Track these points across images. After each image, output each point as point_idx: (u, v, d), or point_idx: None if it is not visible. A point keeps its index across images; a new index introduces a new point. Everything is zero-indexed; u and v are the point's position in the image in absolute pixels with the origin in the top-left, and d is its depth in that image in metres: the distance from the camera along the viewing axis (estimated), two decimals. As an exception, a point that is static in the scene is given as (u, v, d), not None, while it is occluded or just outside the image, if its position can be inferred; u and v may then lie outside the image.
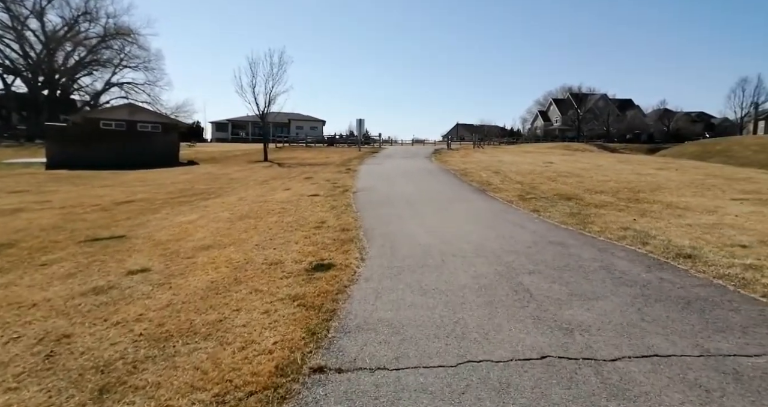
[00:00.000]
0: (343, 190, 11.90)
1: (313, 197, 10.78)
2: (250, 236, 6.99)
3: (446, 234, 6.80)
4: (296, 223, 7.81)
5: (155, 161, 26.82)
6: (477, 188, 13.07)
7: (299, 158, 28.59)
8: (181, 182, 16.97)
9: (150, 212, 10.07)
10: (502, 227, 7.37)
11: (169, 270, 5.28)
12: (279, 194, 11.90)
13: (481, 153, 29.72)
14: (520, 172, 16.57)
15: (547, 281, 4.43)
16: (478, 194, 11.85)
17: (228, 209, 9.73)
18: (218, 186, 15.29)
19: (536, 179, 14.63)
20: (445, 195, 11.49)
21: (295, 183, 14.39)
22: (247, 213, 8.96)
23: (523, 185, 13.38)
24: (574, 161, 20.85)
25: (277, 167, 23.59)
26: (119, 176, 20.17)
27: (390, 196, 11.11)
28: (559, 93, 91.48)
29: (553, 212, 8.66)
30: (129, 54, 59.60)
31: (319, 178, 15.67)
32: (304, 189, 12.45)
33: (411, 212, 8.95)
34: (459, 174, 16.59)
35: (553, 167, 17.82)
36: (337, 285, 4.46)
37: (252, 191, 13.24)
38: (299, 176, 17.25)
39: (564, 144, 52.37)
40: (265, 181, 16.38)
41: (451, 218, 8.28)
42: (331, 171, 18.42)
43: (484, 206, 9.70)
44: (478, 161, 21.96)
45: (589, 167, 17.44)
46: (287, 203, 10.01)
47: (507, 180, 14.48)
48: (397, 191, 12.14)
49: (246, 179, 17.63)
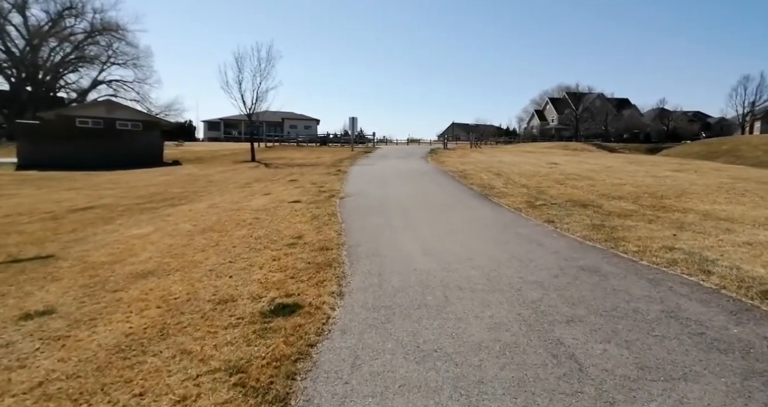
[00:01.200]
0: (330, 195, 10.57)
1: (293, 205, 9.44)
2: (206, 257, 5.66)
3: (448, 254, 5.50)
4: (267, 238, 6.48)
5: (136, 161, 25.35)
6: (478, 192, 11.79)
7: (288, 158, 27.21)
8: (156, 185, 15.58)
9: (103, 222, 8.70)
10: (515, 244, 6.08)
11: (80, 312, 3.94)
12: (257, 200, 10.55)
13: (479, 153, 28.47)
14: (524, 174, 15.32)
15: (596, 338, 3.13)
16: (481, 199, 10.56)
17: (193, 219, 8.38)
18: (193, 190, 13.91)
19: (543, 182, 13.38)
20: (443, 201, 10.19)
21: (278, 187, 13.04)
22: (213, 225, 7.61)
23: (529, 189, 12.12)
24: (579, 162, 19.62)
25: (264, 167, 22.21)
26: (92, 177, 18.72)
27: (382, 202, 9.80)
28: (556, 92, 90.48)
29: (572, 224, 7.39)
30: (117, 51, 57.97)
31: (305, 180, 14.33)
32: (286, 194, 11.11)
33: (405, 222, 7.64)
34: (458, 176, 15.31)
35: (558, 169, 16.58)
36: (300, 343, 3.15)
37: (228, 195, 11.88)
38: (284, 178, 15.89)
39: (562, 144, 51.29)
40: (246, 184, 15.02)
41: (452, 231, 6.98)
42: (320, 173, 17.08)
43: (489, 216, 8.41)
44: (476, 162, 20.70)
45: (598, 169, 16.21)
46: (263, 212, 8.67)
47: (511, 183, 13.21)
48: (390, 196, 10.83)
49: (226, 181, 16.26)
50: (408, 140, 60.50)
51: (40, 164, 22.29)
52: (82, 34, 56.45)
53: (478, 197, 10.98)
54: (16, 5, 51.68)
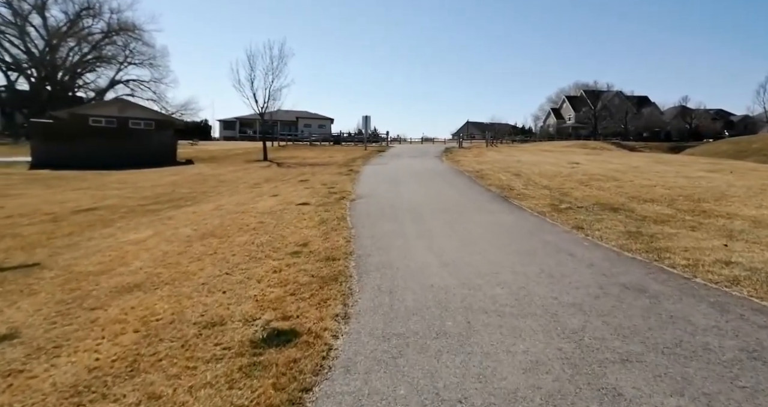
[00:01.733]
0: (340, 197, 10.01)
1: (301, 207, 8.90)
2: (201, 267, 5.14)
3: (468, 267, 4.89)
4: (270, 246, 5.95)
5: (149, 160, 25.18)
6: (497, 194, 11.11)
7: (300, 158, 26.79)
8: (164, 185, 15.24)
9: (102, 224, 8.28)
10: (543, 254, 5.43)
11: (46, 337, 3.44)
12: (264, 201, 10.06)
13: (495, 152, 27.65)
14: (545, 174, 14.56)
15: (664, 388, 2.48)
16: (500, 202, 9.89)
17: (195, 222, 7.90)
18: (202, 190, 13.51)
19: (565, 183, 12.62)
20: (460, 204, 9.55)
21: (287, 187, 12.54)
22: (214, 230, 7.11)
23: (551, 190, 11.40)
24: (602, 162, 18.72)
25: (275, 167, 21.80)
26: (102, 177, 18.51)
27: (394, 205, 9.20)
28: (572, 90, 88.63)
29: (604, 231, 6.70)
30: (134, 51, 58.48)
31: (315, 181, 13.81)
32: (295, 195, 10.59)
33: (419, 228, 7.03)
34: (474, 176, 14.62)
35: (581, 169, 15.77)
36: (293, 387, 2.57)
37: (235, 197, 11.43)
38: (295, 178, 15.41)
39: (581, 142, 49.96)
40: (255, 184, 14.57)
41: (471, 238, 6.36)
42: (331, 172, 16.56)
43: (511, 221, 7.75)
44: (494, 161, 19.95)
45: (624, 169, 15.34)
46: (268, 215, 8.15)
47: (531, 184, 12.49)
48: (403, 198, 10.23)
49: (236, 181, 15.84)
50: (422, 138, 59.76)
51: (53, 163, 22.25)
52: (99, 34, 57.08)
53: (497, 199, 10.31)
54: (35, 6, 52.40)
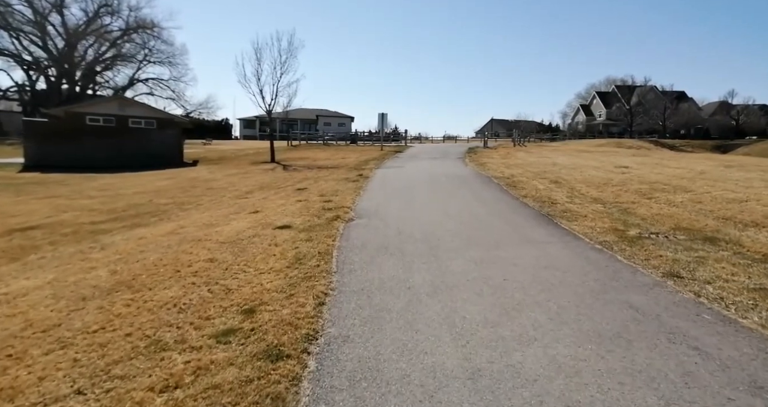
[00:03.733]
0: (334, 216, 7.80)
1: (279, 232, 6.74)
2: (45, 372, 3.02)
3: (518, 378, 2.62)
4: (198, 313, 3.80)
5: (151, 161, 23.60)
6: (536, 210, 8.73)
7: (311, 159, 24.78)
8: (146, 193, 13.39)
9: (11, 258, 6.30)
10: (644, 347, 3.10)
11: None
12: (238, 221, 7.94)
13: (525, 153, 24.98)
14: (591, 182, 12.04)
15: None
16: (544, 224, 7.51)
17: (126, 257, 5.82)
18: (182, 201, 11.56)
19: (621, 194, 10.12)
20: (491, 228, 7.21)
21: (277, 199, 10.42)
22: (139, 274, 5.01)
23: (606, 205, 8.94)
24: (656, 165, 15.97)
25: (280, 170, 19.81)
26: (89, 181, 16.86)
27: (402, 231, 6.93)
28: (603, 85, 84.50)
29: (720, 284, 4.31)
30: (153, 49, 57.79)
31: (314, 190, 11.66)
32: (279, 212, 8.44)
33: (434, 276, 4.78)
34: (504, 185, 12.21)
35: (634, 175, 13.15)
36: None
37: (210, 212, 9.38)
38: (293, 186, 13.31)
39: (615, 141, 46.45)
40: (245, 193, 12.54)
41: (514, 299, 4.06)
42: (337, 178, 14.40)
43: (566, 260, 5.39)
44: (525, 164, 17.42)
45: (689, 175, 12.66)
46: (230, 247, 6.02)
47: (578, 196, 10.05)
48: (416, 218, 7.95)
49: (227, 188, 13.86)
50: (444, 137, 57.43)
51: (46, 164, 20.85)
52: (118, 31, 56.58)
53: (537, 218, 7.93)
54: (55, 5, 52.10)
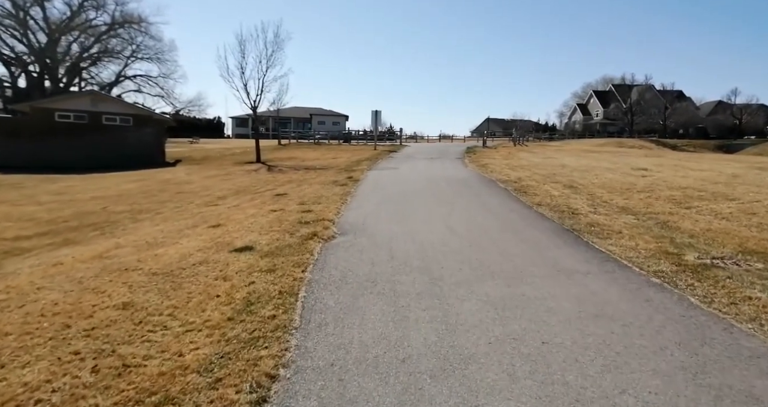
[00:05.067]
0: (310, 234, 6.23)
1: (235, 258, 5.18)
2: None
3: None
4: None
5: (127, 160, 21.92)
6: (556, 222, 7.22)
7: (299, 159, 23.21)
8: (107, 197, 11.79)
9: None
10: None
11: None
12: (191, 239, 6.37)
13: (527, 152, 23.53)
14: (610, 186, 10.58)
15: None
16: (573, 243, 5.99)
17: (13, 298, 4.25)
18: (141, 208, 9.98)
19: (652, 202, 8.65)
20: (506, 250, 5.68)
21: (249, 208, 8.86)
22: (5, 334, 3.47)
23: (638, 217, 7.47)
24: (678, 167, 14.54)
25: (264, 171, 18.22)
26: (47, 183, 15.20)
27: (394, 252, 5.40)
28: (600, 84, 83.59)
29: None
30: (141, 45, 55.85)
31: (294, 196, 10.10)
32: (244, 228, 6.88)
33: (439, 336, 3.23)
34: (513, 190, 10.71)
35: (656, 178, 11.70)
36: None
37: (165, 225, 7.81)
38: (273, 190, 11.76)
39: (616, 140, 45.27)
40: (219, 198, 10.96)
41: (569, 392, 2.57)
42: (323, 181, 12.85)
43: (622, 305, 3.86)
44: (531, 166, 15.95)
45: (722, 179, 11.22)
46: (165, 280, 4.47)
47: (601, 204, 8.57)
48: (411, 233, 6.41)
49: (199, 193, 12.27)
50: (440, 136, 56.11)
51: (9, 164, 19.13)
52: (103, 26, 54.62)
53: (561, 234, 6.42)
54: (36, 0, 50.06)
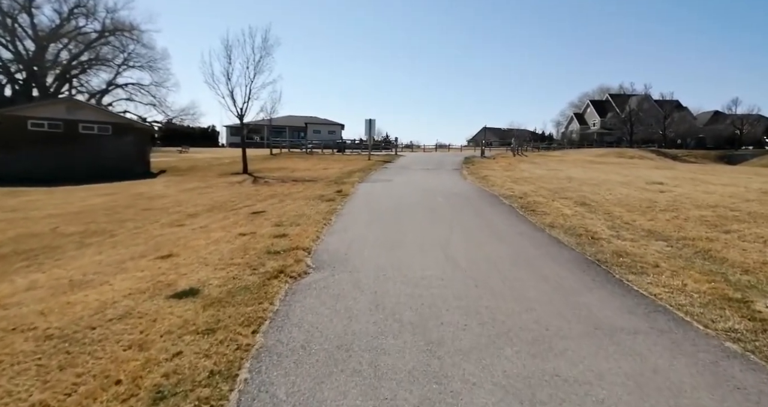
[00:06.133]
0: (278, 268, 4.96)
1: (170, 308, 3.92)
2: None
3: None
4: None
5: (106, 171, 20.62)
6: (576, 250, 6.01)
7: (288, 170, 22.02)
8: (65, 215, 10.51)
9: None
10: None
11: None
12: (124, 279, 5.11)
13: (528, 163, 22.45)
14: (628, 204, 9.43)
15: None
16: (605, 283, 4.77)
17: None
18: (97, 229, 8.71)
19: (681, 224, 7.48)
20: (523, 294, 4.44)
21: (215, 231, 7.60)
22: None
23: (670, 242, 6.29)
24: (693, 181, 13.42)
25: (248, 183, 17.00)
26: (8, 198, 13.90)
27: (380, 299, 4.16)
28: (597, 94, 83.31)
29: None
30: (132, 53, 54.86)
31: (273, 214, 8.87)
32: (199, 260, 5.62)
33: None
34: (519, 207, 9.53)
35: (677, 194, 10.57)
36: None
37: (108, 253, 6.54)
38: (252, 206, 10.52)
39: (616, 151, 44.37)
40: (188, 217, 9.71)
41: None
42: (310, 196, 11.63)
43: (703, 400, 2.68)
44: (535, 178, 14.82)
45: (752, 196, 10.09)
46: (54, 351, 3.21)
47: (622, 226, 7.39)
48: (403, 268, 5.16)
49: (169, 209, 11.01)
50: (436, 145, 55.26)
51: (-24, 176, 17.87)
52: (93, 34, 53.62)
53: (587, 269, 5.20)
54: (24, 6, 49.03)
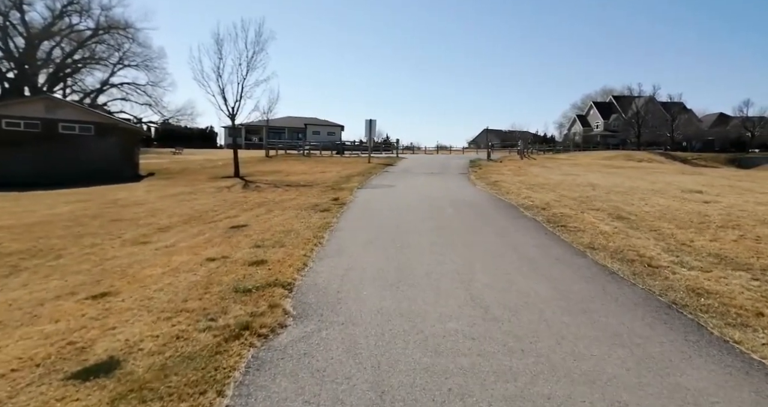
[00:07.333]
0: (247, 316, 3.50)
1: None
2: None
3: None
4: None
5: (88, 175, 19.14)
6: (637, 285, 4.62)
7: (284, 173, 20.63)
8: (18, 227, 9.09)
9: None
10: None
11: None
12: (25, 336, 3.74)
13: (539, 167, 21.07)
14: (674, 218, 8.04)
15: None
16: (700, 342, 3.35)
17: None
18: (44, 247, 7.28)
19: (753, 246, 6.08)
20: (594, 371, 3.04)
21: (178, 254, 6.18)
22: None
23: (753, 273, 4.89)
24: (735, 189, 12.02)
25: (238, 188, 15.58)
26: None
27: (383, 378, 2.77)
28: (600, 96, 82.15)
29: None
30: (128, 51, 53.46)
31: (256, 229, 7.46)
32: (142, 303, 4.20)
33: None
34: (545, 221, 8.11)
35: (728, 206, 9.19)
36: None
37: (31, 288, 5.10)
38: (234, 217, 9.10)
39: (624, 153, 43.02)
40: (159, 230, 8.30)
41: None
42: (302, 204, 10.23)
43: None
44: (552, 185, 13.42)
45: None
46: None
47: (679, 248, 5.99)
48: (412, 321, 3.71)
49: (141, 220, 9.57)
50: (437, 147, 54.11)
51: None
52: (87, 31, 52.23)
53: (670, 322, 3.75)
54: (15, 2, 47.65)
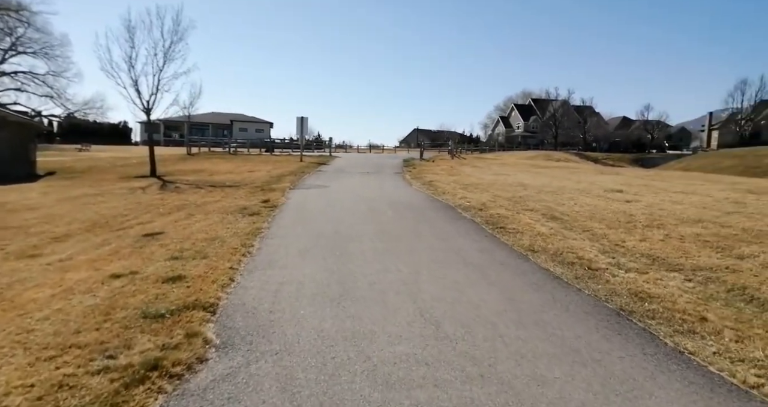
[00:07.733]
0: (151, 361, 2.82)
1: None
2: None
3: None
4: None
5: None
6: (583, 291, 4.55)
7: (207, 172, 19.16)
8: None
9: None
10: None
11: None
12: None
13: (470, 167, 21.54)
14: (602, 218, 8.33)
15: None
16: (658, 356, 3.23)
17: None
18: None
19: (680, 245, 6.37)
20: (561, 399, 2.82)
21: (76, 271, 5.16)
22: None
23: (686, 274, 5.05)
24: (651, 189, 12.87)
25: (155, 189, 14.08)
26: None
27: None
28: (520, 98, 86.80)
29: None
30: (23, 37, 47.03)
31: (172, 238, 6.55)
32: (18, 340, 3.34)
33: None
34: (484, 223, 8.04)
35: (648, 206, 9.73)
36: None
37: None
38: (147, 223, 8.01)
39: (544, 153, 45.79)
40: (53, 240, 7.02)
41: None
42: (229, 208, 9.32)
43: None
44: (485, 184, 13.61)
45: (727, 207, 9.45)
46: None
47: (614, 249, 6.11)
48: (358, 346, 3.25)
49: (33, 228, 8.06)
50: (369, 146, 54.11)
51: None
52: (-32, 13, 45.23)
53: (623, 332, 3.61)
54: None
